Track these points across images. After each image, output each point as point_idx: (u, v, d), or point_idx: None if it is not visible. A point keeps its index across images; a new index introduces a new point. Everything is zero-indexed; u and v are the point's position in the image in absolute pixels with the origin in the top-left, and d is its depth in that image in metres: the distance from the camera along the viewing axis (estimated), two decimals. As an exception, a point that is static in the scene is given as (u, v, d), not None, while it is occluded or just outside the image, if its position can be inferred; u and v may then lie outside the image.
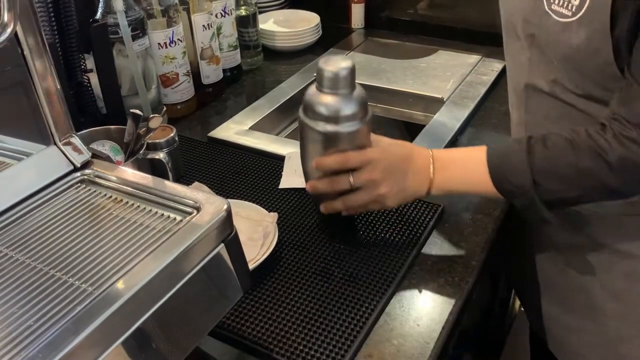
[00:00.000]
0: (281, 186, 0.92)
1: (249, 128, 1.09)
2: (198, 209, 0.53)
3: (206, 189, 0.85)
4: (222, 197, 0.55)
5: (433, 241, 0.81)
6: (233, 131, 1.08)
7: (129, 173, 0.60)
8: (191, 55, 1.14)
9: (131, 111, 0.80)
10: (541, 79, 0.74)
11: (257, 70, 1.37)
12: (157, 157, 0.85)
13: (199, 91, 1.18)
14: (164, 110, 1.08)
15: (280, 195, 0.90)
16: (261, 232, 0.77)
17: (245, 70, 1.34)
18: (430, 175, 0.74)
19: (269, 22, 1.47)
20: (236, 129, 1.09)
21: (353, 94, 0.72)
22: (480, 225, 0.84)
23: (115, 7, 0.95)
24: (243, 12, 1.31)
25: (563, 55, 0.68)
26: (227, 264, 0.54)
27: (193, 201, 0.54)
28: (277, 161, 0.98)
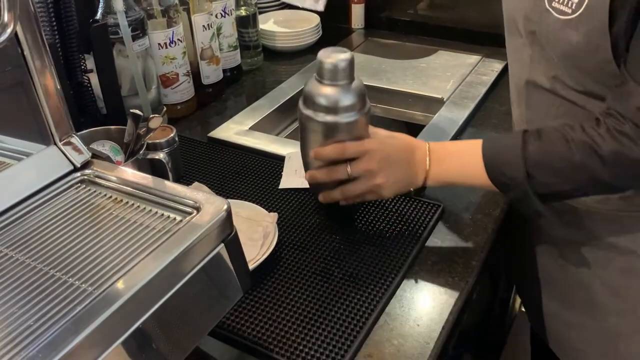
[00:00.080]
0: (281, 186, 0.92)
1: (249, 128, 1.09)
2: (198, 209, 0.53)
3: (206, 189, 0.85)
4: (222, 197, 0.55)
5: (433, 241, 0.82)
6: (233, 131, 1.08)
7: (129, 173, 0.60)
8: (191, 55, 1.14)
9: (131, 111, 0.80)
10: (542, 75, 0.75)
11: (257, 70, 1.37)
12: (157, 157, 0.85)
13: (199, 91, 1.18)
14: (164, 111, 1.08)
15: (280, 196, 0.90)
16: (261, 232, 0.77)
17: (245, 71, 1.34)
18: (426, 167, 0.76)
19: (269, 23, 1.48)
20: (236, 129, 1.09)
21: (352, 85, 0.74)
22: (480, 225, 0.84)
23: (116, 7, 0.95)
24: (243, 13, 1.31)
25: (563, 53, 0.68)
26: (227, 264, 0.54)
27: (193, 201, 0.54)
28: (277, 161, 0.98)
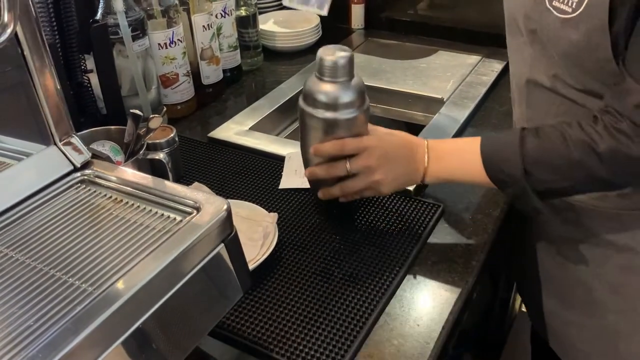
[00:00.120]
0: (281, 186, 0.92)
1: (249, 128, 1.09)
2: (198, 209, 0.53)
3: (206, 189, 0.85)
4: (222, 197, 0.55)
5: (433, 241, 0.82)
6: (233, 131, 1.08)
7: (129, 173, 0.60)
8: (191, 55, 1.14)
9: (131, 111, 0.80)
10: (542, 74, 0.75)
11: (257, 70, 1.37)
12: (157, 158, 0.85)
13: (199, 91, 1.18)
14: (164, 111, 1.08)
15: (280, 196, 0.90)
16: (261, 233, 0.77)
17: (245, 71, 1.34)
18: (425, 164, 0.76)
19: (269, 23, 1.48)
20: (236, 130, 1.09)
21: (352, 82, 0.75)
22: (480, 225, 0.84)
23: (116, 7, 0.95)
24: (243, 13, 1.31)
25: (563, 51, 0.68)
26: (227, 264, 0.54)
27: (193, 201, 0.54)
28: (277, 161, 0.98)
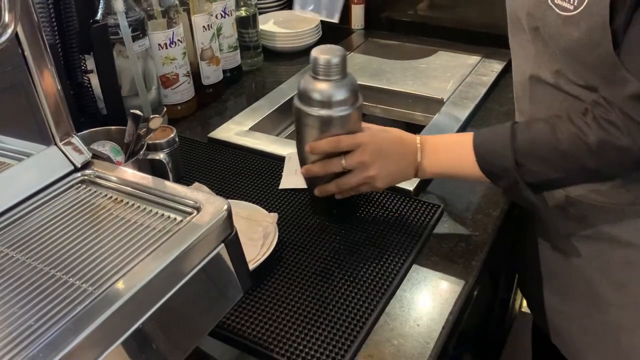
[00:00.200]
0: (281, 187, 0.92)
1: (249, 129, 1.09)
2: (198, 209, 0.53)
3: (206, 189, 0.85)
4: (222, 197, 0.55)
5: (433, 241, 0.82)
6: (233, 132, 1.08)
7: (129, 173, 0.60)
8: (191, 56, 1.14)
9: (131, 112, 0.80)
10: (545, 70, 0.75)
11: (257, 71, 1.37)
12: (158, 158, 0.85)
13: (199, 92, 1.18)
14: (164, 111, 1.08)
15: (280, 196, 0.90)
16: (261, 233, 0.77)
17: (245, 71, 1.34)
18: (418, 159, 0.78)
19: (269, 23, 1.48)
20: (236, 130, 1.09)
21: (345, 80, 0.77)
22: (480, 225, 0.84)
23: (116, 7, 0.95)
24: (243, 13, 1.31)
25: (565, 48, 0.69)
26: (227, 264, 0.54)
27: (193, 201, 0.54)
28: (277, 162, 0.98)
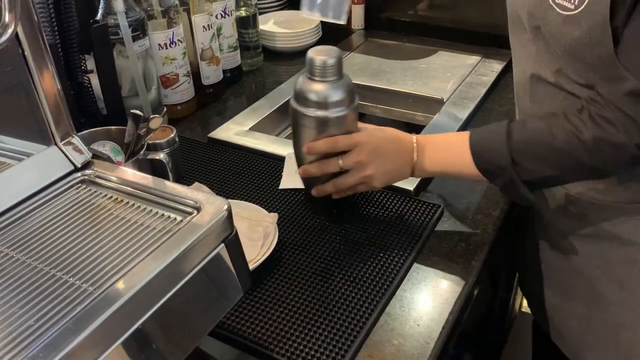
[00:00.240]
0: (281, 187, 0.92)
1: (249, 129, 1.09)
2: (198, 209, 0.53)
3: (206, 189, 0.85)
4: (222, 197, 0.55)
5: (433, 241, 0.82)
6: (233, 132, 1.08)
7: (129, 173, 0.60)
8: (191, 56, 1.14)
9: (131, 112, 0.80)
10: (547, 69, 0.76)
11: (257, 71, 1.37)
12: (158, 158, 0.85)
13: (199, 92, 1.18)
14: (164, 111, 1.08)
15: (280, 196, 0.90)
16: (261, 233, 0.77)
17: (245, 71, 1.34)
18: (414, 158, 0.79)
19: (269, 23, 1.48)
20: (236, 130, 1.09)
21: (341, 81, 0.78)
22: (480, 225, 0.84)
23: (116, 8, 0.95)
24: (243, 13, 1.31)
25: (565, 47, 0.69)
26: (227, 264, 0.54)
27: (193, 201, 0.54)
28: (277, 162, 0.98)
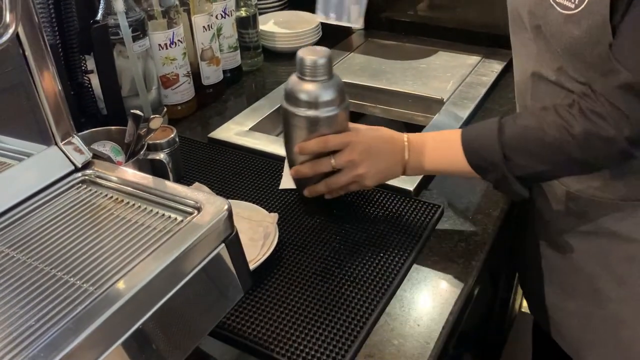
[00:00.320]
0: (281, 187, 0.92)
1: (249, 129, 1.09)
2: (199, 209, 0.53)
3: (206, 189, 0.85)
4: (222, 197, 0.55)
5: (433, 241, 0.82)
6: (233, 132, 1.08)
7: (129, 173, 0.60)
8: (191, 56, 1.14)
9: (132, 112, 0.80)
10: (547, 68, 0.76)
11: (258, 71, 1.37)
12: (158, 158, 0.85)
13: (199, 92, 1.18)
14: (164, 111, 1.08)
15: (280, 196, 0.90)
16: (262, 233, 0.77)
17: (245, 71, 1.34)
18: (406, 157, 0.79)
19: (269, 24, 1.48)
20: (236, 130, 1.09)
21: (331, 81, 0.78)
22: (480, 225, 0.84)
23: (116, 8, 0.95)
24: (243, 13, 1.31)
25: (566, 46, 0.69)
26: (227, 264, 0.54)
27: (194, 201, 0.54)
28: (277, 162, 0.98)
